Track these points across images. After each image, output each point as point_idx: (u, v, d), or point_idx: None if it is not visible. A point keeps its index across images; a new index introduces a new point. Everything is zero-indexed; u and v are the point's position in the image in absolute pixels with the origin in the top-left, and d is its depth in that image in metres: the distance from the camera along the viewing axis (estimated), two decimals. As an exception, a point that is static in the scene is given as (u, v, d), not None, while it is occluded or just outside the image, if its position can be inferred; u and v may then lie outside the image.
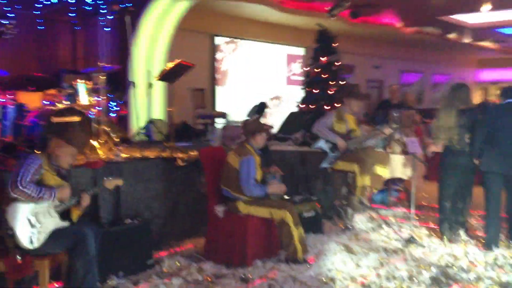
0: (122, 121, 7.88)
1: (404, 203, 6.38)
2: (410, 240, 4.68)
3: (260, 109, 8.06)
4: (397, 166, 6.04)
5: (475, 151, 4.55)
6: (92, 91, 5.70)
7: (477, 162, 4.57)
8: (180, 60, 5.41)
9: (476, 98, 9.61)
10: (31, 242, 3.19)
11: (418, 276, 3.89)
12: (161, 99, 8.41)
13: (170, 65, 5.39)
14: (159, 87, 8.08)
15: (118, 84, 7.22)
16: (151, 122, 7.30)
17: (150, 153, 5.16)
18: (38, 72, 7.37)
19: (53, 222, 3.32)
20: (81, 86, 5.51)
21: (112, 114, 7.21)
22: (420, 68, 16.45)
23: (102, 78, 5.60)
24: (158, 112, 8.36)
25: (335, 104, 7.43)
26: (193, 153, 5.13)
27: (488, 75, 19.24)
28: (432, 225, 5.37)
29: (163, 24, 8.39)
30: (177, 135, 6.15)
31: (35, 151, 3.55)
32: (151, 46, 8.42)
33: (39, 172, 3.29)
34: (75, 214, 3.49)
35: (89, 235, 3.33)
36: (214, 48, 10.13)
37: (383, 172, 5.40)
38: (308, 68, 7.95)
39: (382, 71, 14.72)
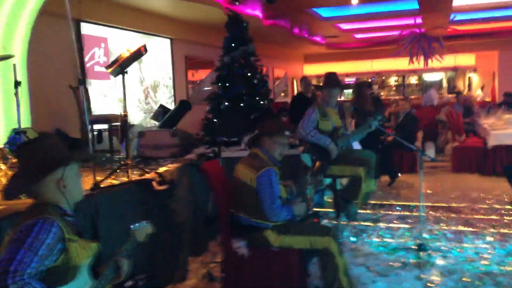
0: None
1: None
2: (422, 247, 4.28)
3: (164, 112, 6.83)
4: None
5: None
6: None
7: None
8: (143, 44, 4.04)
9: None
10: None
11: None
12: (25, 102, 6.58)
13: (129, 51, 3.97)
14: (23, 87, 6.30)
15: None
16: (20, 132, 5.54)
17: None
18: None
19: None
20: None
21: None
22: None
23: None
24: (23, 119, 6.53)
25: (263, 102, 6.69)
26: (166, 170, 3.88)
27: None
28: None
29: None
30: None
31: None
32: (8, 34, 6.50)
33: (57, 249, 1.90)
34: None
35: None
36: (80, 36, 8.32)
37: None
38: (220, 61, 6.97)
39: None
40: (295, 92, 18.17)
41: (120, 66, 3.88)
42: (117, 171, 3.84)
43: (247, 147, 5.26)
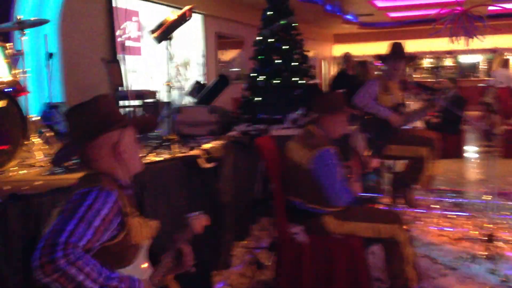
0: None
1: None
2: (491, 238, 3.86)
3: (200, 88, 6.47)
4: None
5: None
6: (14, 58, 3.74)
7: None
8: (188, 7, 3.67)
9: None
10: None
11: None
12: (57, 75, 6.32)
13: (175, 14, 3.61)
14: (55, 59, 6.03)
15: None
16: (52, 107, 5.26)
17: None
18: None
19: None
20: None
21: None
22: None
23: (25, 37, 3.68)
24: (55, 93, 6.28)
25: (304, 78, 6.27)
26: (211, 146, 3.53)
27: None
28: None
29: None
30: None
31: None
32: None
33: (115, 223, 1.55)
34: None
35: None
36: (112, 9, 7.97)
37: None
38: (259, 34, 6.53)
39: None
40: (323, 73, 17.59)
41: (165, 32, 3.51)
42: (160, 146, 3.51)
43: (300, 125, 4.88)
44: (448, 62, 19.64)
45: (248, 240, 4.29)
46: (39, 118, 4.21)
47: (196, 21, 10.41)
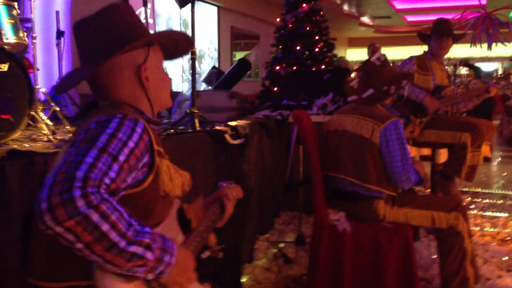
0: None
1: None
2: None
3: (219, 74, 6.11)
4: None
5: None
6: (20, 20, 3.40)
7: None
8: None
9: None
10: None
11: None
12: (66, 54, 5.97)
13: None
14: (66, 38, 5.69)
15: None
16: None
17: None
18: None
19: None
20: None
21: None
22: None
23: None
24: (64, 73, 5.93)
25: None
26: (237, 124, 3.14)
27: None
28: None
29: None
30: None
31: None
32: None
33: (143, 162, 1.15)
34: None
35: None
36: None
37: (484, 150, 3.95)
38: (282, 20, 6.15)
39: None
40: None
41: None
42: (182, 120, 3.14)
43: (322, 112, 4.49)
44: (464, 70, 19.22)
45: (270, 233, 3.90)
46: (46, 92, 3.85)
47: (211, 13, 10.08)
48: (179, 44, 1.42)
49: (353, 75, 2.84)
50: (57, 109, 3.66)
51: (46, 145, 2.72)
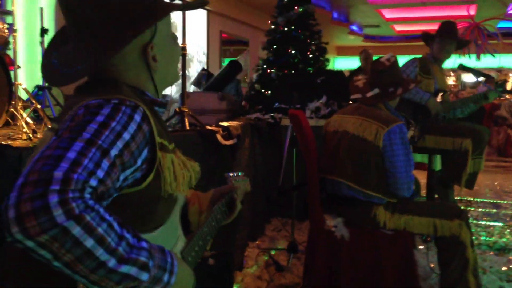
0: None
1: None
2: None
3: (208, 76, 5.96)
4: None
5: None
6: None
7: None
8: None
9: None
10: None
11: None
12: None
13: None
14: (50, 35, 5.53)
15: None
16: (44, 88, 4.70)
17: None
18: None
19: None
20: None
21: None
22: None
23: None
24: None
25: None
26: (228, 125, 2.99)
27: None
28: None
29: None
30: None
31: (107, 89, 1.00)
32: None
33: (141, 157, 0.93)
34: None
35: None
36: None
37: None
38: (273, 23, 6.02)
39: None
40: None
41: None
42: (172, 118, 2.99)
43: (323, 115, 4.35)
44: (451, 80, 19.33)
45: (261, 239, 3.74)
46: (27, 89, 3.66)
47: (200, 17, 9.94)
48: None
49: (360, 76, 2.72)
50: (39, 106, 3.47)
51: (24, 144, 2.54)
